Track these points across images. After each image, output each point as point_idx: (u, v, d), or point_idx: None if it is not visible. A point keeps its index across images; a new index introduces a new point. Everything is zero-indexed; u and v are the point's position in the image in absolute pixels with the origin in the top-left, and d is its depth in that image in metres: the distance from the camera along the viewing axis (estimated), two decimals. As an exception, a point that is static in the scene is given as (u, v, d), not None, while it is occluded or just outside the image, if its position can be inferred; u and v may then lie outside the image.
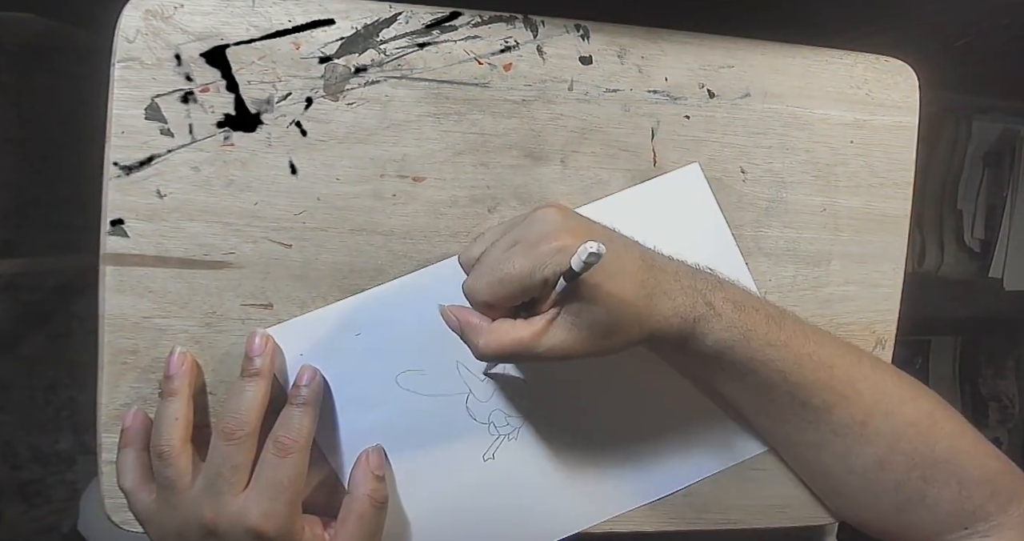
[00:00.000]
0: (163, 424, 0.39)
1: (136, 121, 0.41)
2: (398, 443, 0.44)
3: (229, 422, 0.38)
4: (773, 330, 0.40)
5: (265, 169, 0.43)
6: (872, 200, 0.50)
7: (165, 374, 0.41)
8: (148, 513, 0.39)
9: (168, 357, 0.41)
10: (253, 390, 0.39)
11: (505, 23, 0.45)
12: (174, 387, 0.40)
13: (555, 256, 0.35)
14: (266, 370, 0.40)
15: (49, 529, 0.92)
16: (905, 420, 0.41)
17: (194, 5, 0.41)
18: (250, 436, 0.38)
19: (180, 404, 0.40)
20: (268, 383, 0.40)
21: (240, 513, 0.37)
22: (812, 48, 0.49)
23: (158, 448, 0.39)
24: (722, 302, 0.39)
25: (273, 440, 0.39)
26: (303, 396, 0.40)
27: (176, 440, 0.39)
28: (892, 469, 0.41)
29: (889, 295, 0.50)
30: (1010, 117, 0.97)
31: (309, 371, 0.41)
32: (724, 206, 0.48)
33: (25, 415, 0.93)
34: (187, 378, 0.41)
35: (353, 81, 0.43)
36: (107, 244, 0.41)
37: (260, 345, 0.40)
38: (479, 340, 0.37)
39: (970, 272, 0.99)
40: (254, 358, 0.40)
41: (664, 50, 0.47)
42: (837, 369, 0.41)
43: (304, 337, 0.43)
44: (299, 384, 0.41)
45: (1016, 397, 1.16)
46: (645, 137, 0.47)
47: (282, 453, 0.38)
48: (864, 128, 0.49)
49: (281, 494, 0.38)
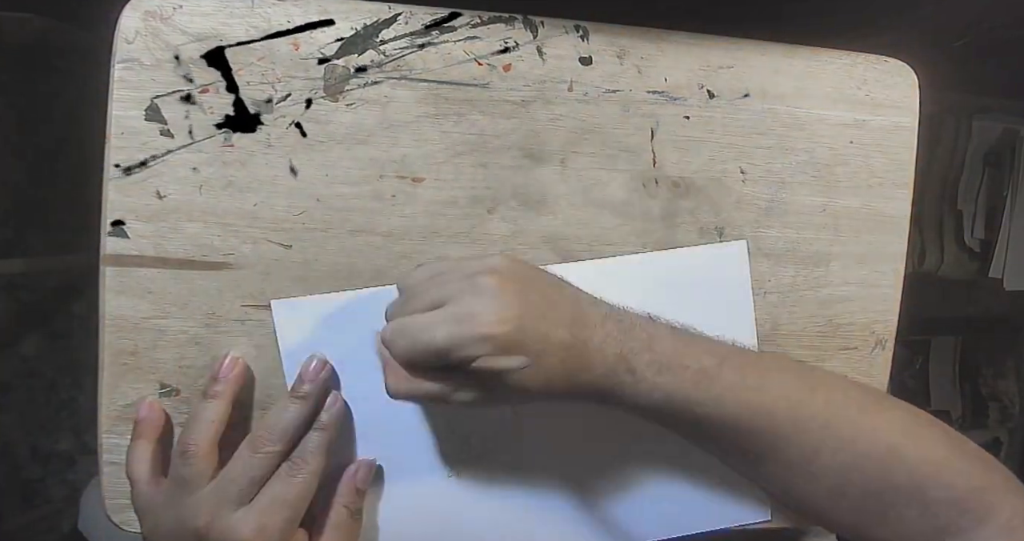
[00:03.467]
0: (197, 424, 0.39)
1: (136, 122, 0.41)
2: (372, 443, 0.44)
3: (264, 434, 0.39)
4: (702, 388, 0.39)
5: (265, 170, 0.43)
6: (872, 200, 0.50)
7: (212, 376, 0.41)
8: (149, 506, 0.39)
9: (220, 359, 0.42)
10: (296, 412, 0.40)
11: (504, 24, 0.45)
12: (217, 390, 0.40)
13: (476, 344, 0.35)
14: (313, 396, 0.41)
15: (49, 529, 0.92)
16: (857, 452, 0.40)
17: (193, 6, 0.41)
18: (277, 454, 0.39)
19: (220, 408, 0.40)
20: (312, 409, 0.41)
21: (235, 525, 0.37)
22: (812, 48, 0.49)
23: (184, 445, 0.39)
24: (645, 366, 0.38)
25: (290, 458, 0.39)
26: (323, 421, 0.41)
27: (205, 442, 0.39)
28: (846, 498, 0.40)
29: (889, 295, 0.50)
30: (1010, 117, 0.97)
31: (332, 397, 0.42)
32: (724, 206, 0.48)
33: (25, 415, 0.93)
34: (234, 384, 0.41)
35: (352, 82, 0.43)
36: (107, 245, 0.41)
37: (315, 371, 0.41)
38: (390, 380, 0.37)
39: (970, 272, 0.99)
40: (305, 383, 0.41)
41: (664, 51, 0.47)
42: (780, 413, 0.40)
43: (313, 317, 0.43)
44: (322, 409, 0.41)
45: (1016, 397, 1.16)
46: (645, 138, 0.47)
47: (293, 472, 0.39)
48: (864, 128, 0.49)
49: (281, 511, 0.38)
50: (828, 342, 0.50)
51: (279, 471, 0.39)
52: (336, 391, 0.42)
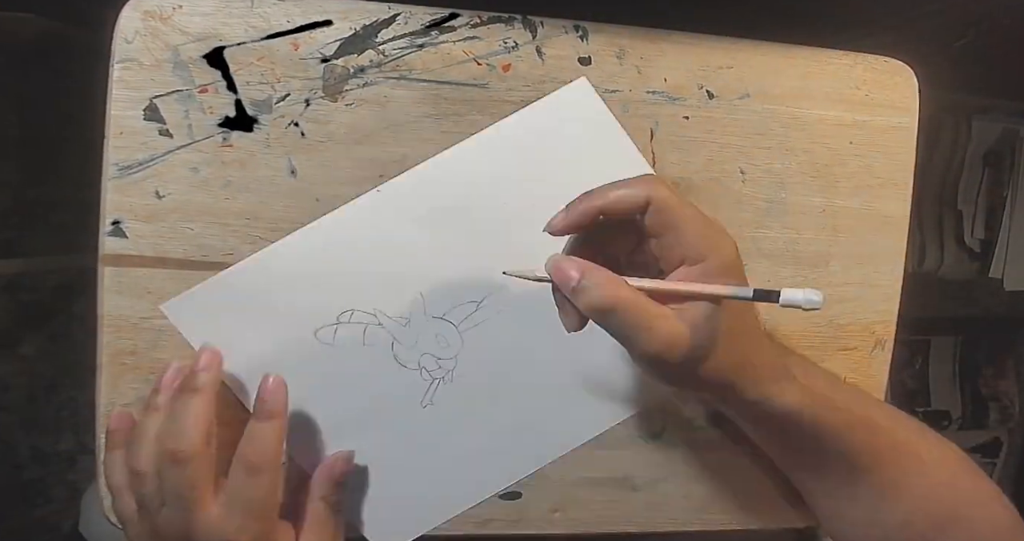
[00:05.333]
0: (139, 442, 0.37)
1: (135, 122, 0.41)
2: (331, 400, 0.43)
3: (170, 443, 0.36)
4: (836, 393, 0.41)
5: (264, 170, 0.43)
6: (871, 200, 0.50)
7: (155, 388, 0.38)
8: (129, 514, 0.39)
9: (160, 371, 0.39)
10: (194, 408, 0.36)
11: (504, 24, 0.45)
12: (159, 402, 0.38)
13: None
14: (210, 385, 0.37)
15: (49, 529, 0.92)
16: (934, 481, 0.42)
17: (193, 6, 0.41)
18: (196, 454, 0.35)
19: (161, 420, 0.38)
20: (212, 398, 0.37)
21: (215, 526, 0.36)
22: (811, 49, 0.49)
23: (132, 467, 0.37)
24: (794, 364, 0.40)
25: (240, 459, 0.37)
26: (268, 409, 0.38)
27: (149, 460, 0.37)
28: (914, 526, 0.42)
29: (889, 295, 0.50)
30: (1010, 117, 0.97)
31: (274, 381, 0.38)
32: (723, 206, 0.48)
33: (25, 415, 0.93)
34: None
35: (352, 82, 0.43)
36: (106, 245, 0.41)
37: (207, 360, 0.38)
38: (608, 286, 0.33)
39: (970, 272, 0.99)
40: (198, 373, 0.37)
41: (663, 51, 0.47)
42: (881, 433, 0.42)
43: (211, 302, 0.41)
44: (264, 397, 0.38)
45: (1016, 397, 1.16)
46: (644, 138, 0.47)
47: (252, 472, 0.36)
48: (863, 129, 0.49)
49: (255, 509, 0.37)
50: (828, 342, 0.50)
51: (236, 474, 0.37)
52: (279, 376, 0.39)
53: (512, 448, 0.46)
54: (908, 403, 1.09)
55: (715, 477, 0.49)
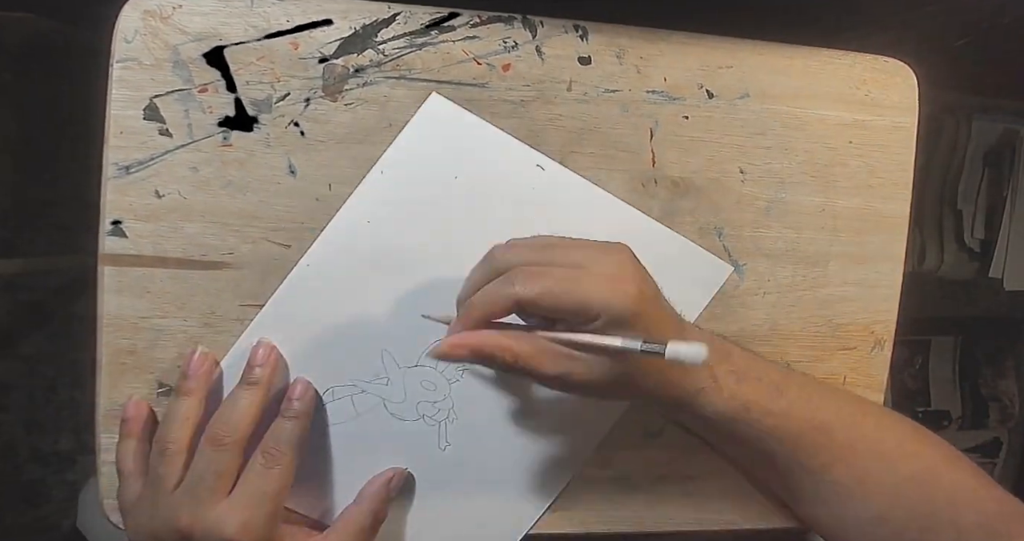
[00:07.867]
0: (172, 422, 0.39)
1: (135, 122, 0.41)
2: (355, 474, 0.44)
3: (219, 428, 0.38)
4: (774, 400, 0.40)
5: (264, 169, 0.43)
6: (871, 200, 0.50)
7: (183, 373, 0.40)
8: (131, 504, 0.39)
9: (188, 356, 0.41)
10: (248, 399, 0.39)
11: (504, 23, 0.45)
12: (190, 387, 0.40)
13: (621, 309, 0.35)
14: (265, 381, 0.40)
15: (49, 529, 0.92)
16: (904, 475, 0.42)
17: (192, 6, 0.41)
18: (237, 444, 0.38)
19: (193, 404, 0.39)
20: (266, 394, 0.40)
21: (218, 522, 0.37)
22: (811, 48, 0.49)
23: (162, 444, 0.38)
24: (725, 374, 0.40)
25: (262, 450, 0.39)
26: (295, 409, 0.40)
27: (181, 440, 0.38)
28: (890, 522, 0.41)
29: (888, 295, 0.50)
30: (1010, 117, 0.97)
31: (303, 384, 0.41)
32: (723, 206, 0.48)
33: (25, 415, 0.93)
34: (204, 380, 0.40)
35: (351, 81, 0.43)
36: (106, 244, 0.41)
37: (264, 355, 0.41)
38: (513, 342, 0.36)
39: (970, 272, 0.99)
40: (255, 368, 0.40)
41: (663, 50, 0.47)
42: (837, 432, 0.41)
43: None
44: (291, 397, 0.41)
45: (1016, 397, 1.16)
46: (644, 137, 0.47)
47: (270, 463, 0.38)
48: (863, 128, 0.49)
49: (263, 505, 0.38)
50: (827, 342, 0.50)
51: (253, 465, 0.38)
52: (308, 380, 0.42)
53: (543, 458, 0.46)
54: (908, 403, 1.09)
55: (715, 477, 0.48)
